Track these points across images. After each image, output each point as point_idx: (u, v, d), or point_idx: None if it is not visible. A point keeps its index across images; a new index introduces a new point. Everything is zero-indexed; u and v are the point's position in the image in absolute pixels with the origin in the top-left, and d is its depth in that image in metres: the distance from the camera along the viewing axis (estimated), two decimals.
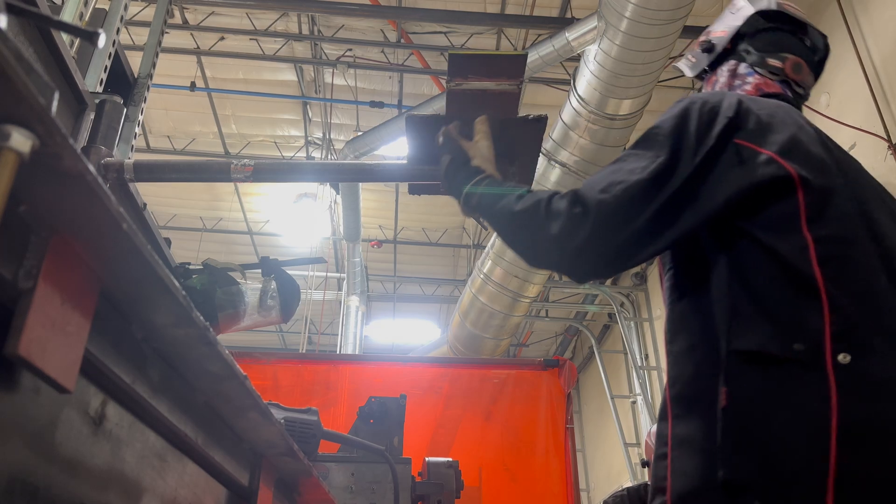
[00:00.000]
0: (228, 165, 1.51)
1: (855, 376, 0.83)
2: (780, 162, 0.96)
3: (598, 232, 0.96)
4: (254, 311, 1.40)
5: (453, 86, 1.40)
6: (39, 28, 1.25)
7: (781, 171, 0.95)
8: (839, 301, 0.87)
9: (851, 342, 0.85)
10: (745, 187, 0.95)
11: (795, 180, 0.95)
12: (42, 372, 0.48)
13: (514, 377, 3.52)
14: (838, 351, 0.84)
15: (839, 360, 0.83)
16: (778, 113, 1.05)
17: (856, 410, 0.81)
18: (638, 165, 0.99)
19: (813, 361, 0.84)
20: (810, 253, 0.90)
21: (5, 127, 0.38)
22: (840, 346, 0.84)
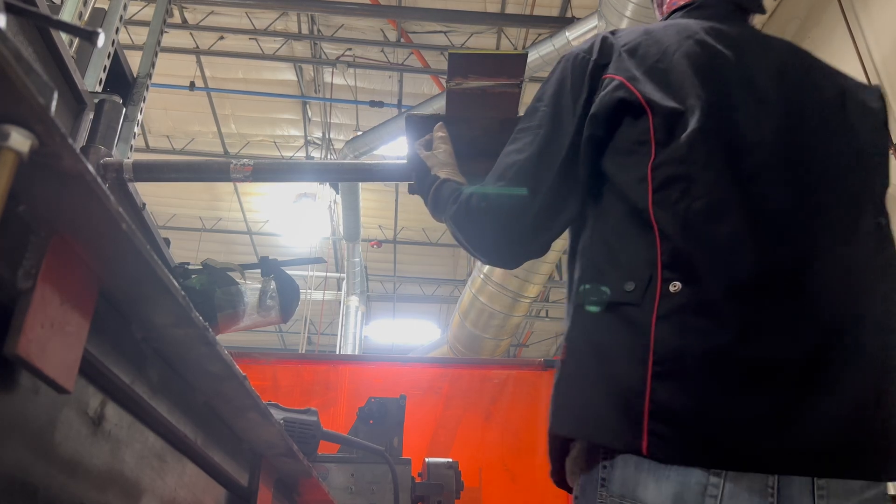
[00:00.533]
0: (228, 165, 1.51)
1: (678, 306, 0.80)
2: (629, 86, 0.92)
3: (502, 220, 0.98)
4: (253, 312, 1.40)
5: (453, 85, 1.40)
6: (38, 27, 1.25)
7: (629, 95, 0.91)
8: (669, 228, 0.83)
9: (682, 269, 0.81)
10: (599, 115, 0.93)
11: (643, 104, 0.90)
12: (41, 372, 0.48)
13: (514, 377, 3.52)
14: (669, 280, 0.81)
15: (670, 289, 0.80)
16: (649, 38, 0.98)
17: (670, 342, 0.78)
18: (525, 142, 0.99)
19: (642, 298, 0.82)
20: (647, 183, 0.87)
21: (4, 127, 0.37)
22: (672, 275, 0.81)
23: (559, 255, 6.54)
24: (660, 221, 0.84)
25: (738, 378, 0.77)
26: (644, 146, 0.89)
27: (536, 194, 0.96)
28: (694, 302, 0.79)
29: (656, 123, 0.89)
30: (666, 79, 0.92)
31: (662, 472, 0.77)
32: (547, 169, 0.95)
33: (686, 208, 0.84)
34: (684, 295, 0.80)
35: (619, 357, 0.82)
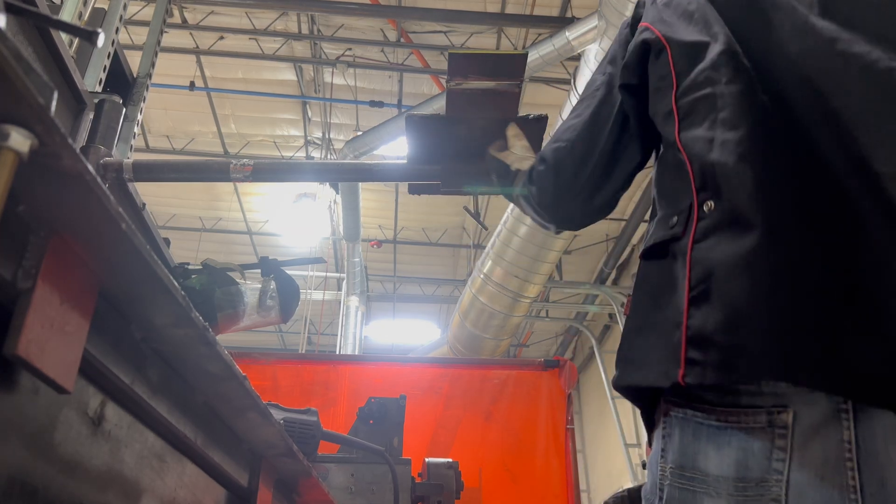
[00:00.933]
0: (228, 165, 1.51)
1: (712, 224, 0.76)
2: (652, 28, 0.94)
3: (561, 179, 1.02)
4: (253, 312, 1.40)
5: (453, 85, 1.40)
6: (38, 27, 1.25)
7: (651, 35, 0.93)
8: (695, 147, 0.81)
9: (712, 185, 0.78)
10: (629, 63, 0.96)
11: (662, 41, 0.91)
12: (41, 372, 0.48)
13: (514, 377, 3.52)
14: (703, 201, 0.78)
15: (704, 210, 0.77)
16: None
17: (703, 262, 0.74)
18: (583, 107, 1.03)
19: (684, 229, 0.79)
20: (674, 114, 0.86)
21: (4, 127, 0.37)
22: (705, 195, 0.78)
23: (559, 256, 6.54)
24: (687, 145, 0.83)
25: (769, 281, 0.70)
26: (666, 80, 0.90)
27: (591, 154, 0.99)
28: (725, 215, 0.75)
29: (675, 56, 0.89)
30: (692, 17, 0.92)
31: (723, 438, 0.71)
32: (600, 129, 0.99)
33: (712, 122, 0.81)
34: (717, 211, 0.76)
35: (666, 295, 0.79)
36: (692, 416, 0.75)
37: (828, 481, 0.65)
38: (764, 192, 0.74)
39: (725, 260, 0.73)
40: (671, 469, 0.76)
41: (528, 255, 6.31)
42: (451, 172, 1.47)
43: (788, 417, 0.68)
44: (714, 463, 0.72)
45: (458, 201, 8.39)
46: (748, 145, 0.77)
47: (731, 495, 0.69)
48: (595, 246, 8.94)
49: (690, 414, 0.75)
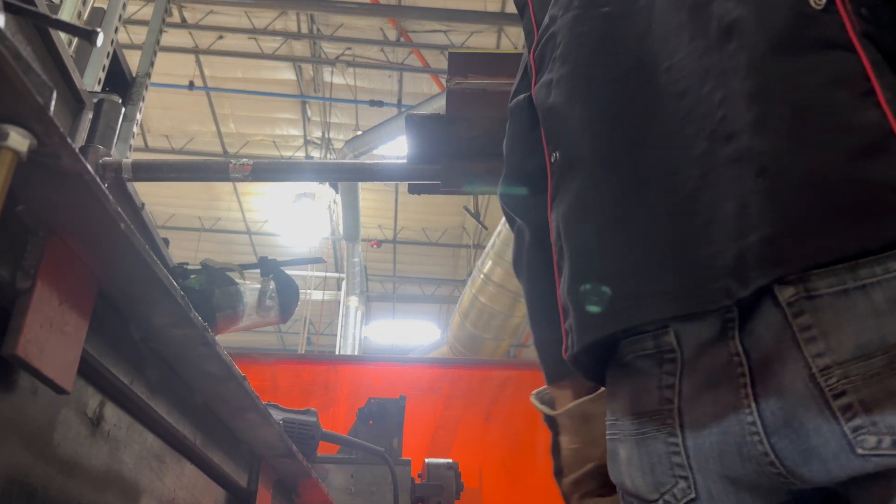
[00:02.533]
0: (227, 165, 1.50)
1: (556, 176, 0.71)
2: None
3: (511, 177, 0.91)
4: (252, 312, 1.39)
5: (453, 85, 1.40)
6: (38, 27, 1.25)
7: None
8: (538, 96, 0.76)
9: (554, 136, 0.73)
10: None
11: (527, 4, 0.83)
12: (40, 372, 0.47)
13: (514, 378, 3.52)
14: (551, 153, 0.72)
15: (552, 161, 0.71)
16: None
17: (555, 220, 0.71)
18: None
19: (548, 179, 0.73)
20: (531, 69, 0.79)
21: (3, 126, 0.37)
22: (551, 147, 0.72)
23: None
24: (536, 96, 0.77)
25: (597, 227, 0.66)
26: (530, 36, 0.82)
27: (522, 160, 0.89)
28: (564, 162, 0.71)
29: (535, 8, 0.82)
30: None
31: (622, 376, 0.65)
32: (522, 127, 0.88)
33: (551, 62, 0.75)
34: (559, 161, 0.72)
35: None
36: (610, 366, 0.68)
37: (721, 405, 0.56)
38: (591, 130, 0.68)
39: (562, 213, 0.69)
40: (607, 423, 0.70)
41: None
42: (451, 172, 1.47)
43: (671, 338, 0.60)
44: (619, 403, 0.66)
45: (458, 201, 8.39)
46: (575, 80, 0.71)
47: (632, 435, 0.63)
48: None
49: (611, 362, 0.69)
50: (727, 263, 0.54)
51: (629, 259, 0.62)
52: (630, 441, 0.63)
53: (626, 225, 0.63)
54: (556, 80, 0.73)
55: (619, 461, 0.65)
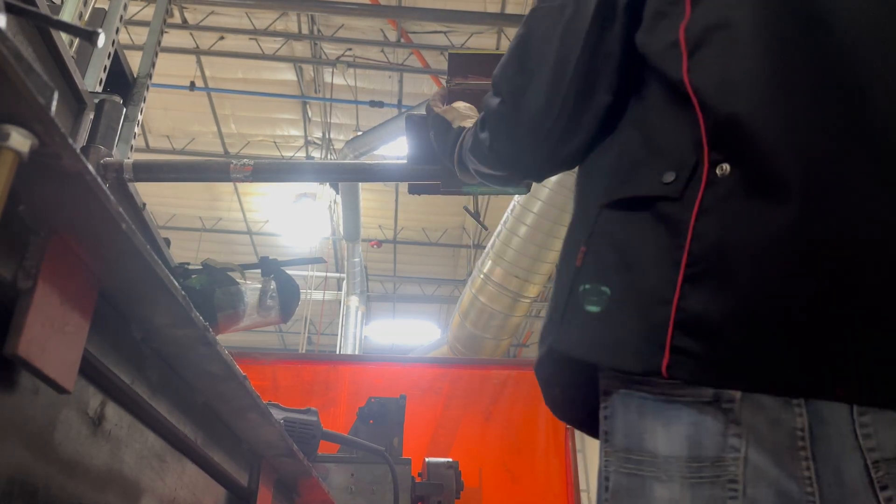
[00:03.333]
0: (228, 165, 1.50)
1: (726, 192, 0.61)
2: None
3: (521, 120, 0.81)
4: (253, 312, 1.39)
5: (453, 85, 1.40)
6: (38, 27, 1.25)
7: None
8: (709, 94, 0.64)
9: (730, 145, 0.62)
10: None
11: None
12: (41, 372, 0.48)
13: (514, 377, 3.52)
14: (717, 162, 0.62)
15: (717, 173, 0.62)
16: None
17: (709, 237, 0.61)
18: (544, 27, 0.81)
19: (683, 191, 0.64)
20: (681, 46, 0.68)
21: (4, 127, 0.37)
22: (718, 155, 0.63)
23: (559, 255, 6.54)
24: (698, 90, 0.65)
25: (801, 267, 0.57)
26: (677, 6, 0.71)
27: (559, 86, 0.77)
28: (746, 182, 0.61)
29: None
30: None
31: (671, 413, 0.62)
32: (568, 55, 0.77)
33: (730, 58, 0.64)
34: (734, 178, 0.61)
35: (648, 262, 0.65)
36: (637, 391, 0.65)
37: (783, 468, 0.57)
38: (801, 153, 0.59)
39: (746, 236, 0.59)
40: (616, 455, 0.66)
41: (528, 255, 6.31)
42: (451, 173, 1.47)
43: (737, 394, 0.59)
44: (663, 442, 0.62)
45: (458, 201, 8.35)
46: (780, 95, 0.61)
47: (684, 477, 0.61)
48: None
49: (634, 388, 0.65)
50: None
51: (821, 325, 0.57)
52: (679, 483, 0.61)
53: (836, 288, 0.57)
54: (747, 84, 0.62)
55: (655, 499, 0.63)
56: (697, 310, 0.60)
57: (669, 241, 0.64)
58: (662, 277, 0.63)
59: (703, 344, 0.60)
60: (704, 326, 0.60)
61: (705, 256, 0.61)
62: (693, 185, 0.64)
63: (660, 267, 0.64)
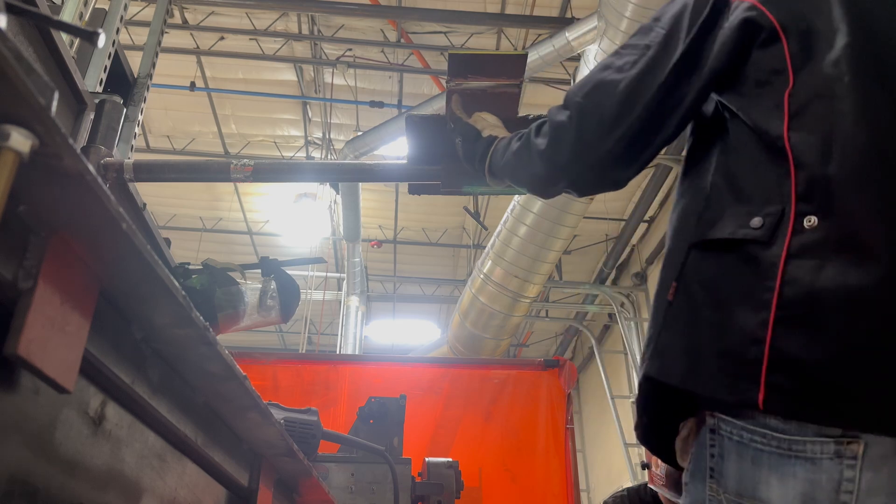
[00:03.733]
0: (228, 165, 1.51)
1: (814, 242, 0.69)
2: (759, 6, 0.83)
3: (584, 139, 0.89)
4: (253, 312, 1.40)
5: (453, 86, 1.40)
6: (39, 28, 1.25)
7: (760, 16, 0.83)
8: (806, 154, 0.73)
9: (820, 200, 0.70)
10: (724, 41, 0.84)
11: (776, 27, 0.81)
12: (41, 372, 0.48)
13: (514, 377, 3.52)
14: (804, 214, 0.70)
15: (804, 224, 0.70)
16: None
17: (802, 283, 0.68)
18: (629, 60, 0.90)
19: (772, 236, 0.72)
20: (784, 109, 0.77)
21: (5, 127, 0.38)
22: (807, 207, 0.71)
23: (559, 256, 6.54)
24: (795, 147, 0.74)
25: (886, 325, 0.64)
26: (780, 75, 0.80)
27: (626, 117, 0.87)
28: (834, 237, 0.68)
29: (792, 48, 0.80)
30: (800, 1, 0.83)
31: (787, 468, 0.67)
32: (643, 95, 0.87)
33: (830, 129, 0.72)
34: (822, 230, 0.69)
35: (739, 301, 0.72)
36: (750, 441, 0.70)
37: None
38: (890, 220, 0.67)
39: (836, 289, 0.66)
40: (726, 496, 0.72)
41: (528, 255, 6.31)
42: (451, 172, 1.47)
43: (859, 448, 0.64)
44: (777, 493, 0.67)
45: (458, 201, 8.38)
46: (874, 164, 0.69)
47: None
48: (595, 246, 8.94)
49: (748, 438, 0.70)
50: None
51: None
52: None
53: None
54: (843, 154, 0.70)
55: None
56: (790, 350, 0.66)
57: (758, 281, 0.71)
58: (753, 317, 0.69)
59: (798, 382, 0.66)
60: (797, 367, 0.66)
61: (796, 301, 0.68)
62: (780, 232, 0.71)
63: (749, 305, 0.70)
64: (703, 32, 0.86)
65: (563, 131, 0.92)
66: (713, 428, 0.75)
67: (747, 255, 0.73)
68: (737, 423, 0.72)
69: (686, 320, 0.78)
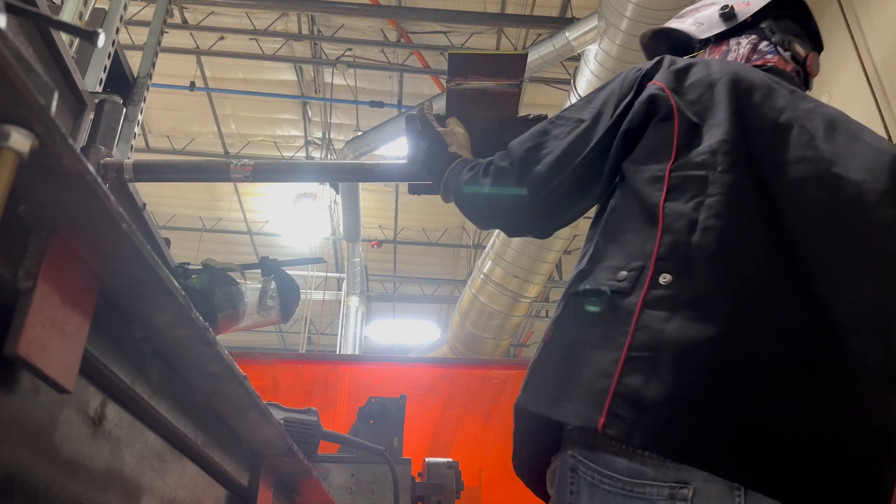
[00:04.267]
0: (228, 165, 1.51)
1: (666, 296, 0.80)
2: (664, 89, 0.97)
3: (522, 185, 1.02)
4: (253, 312, 1.40)
5: (453, 85, 1.40)
6: (39, 28, 1.25)
7: (662, 94, 0.96)
8: (674, 222, 0.85)
9: (677, 262, 0.82)
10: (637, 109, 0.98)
11: (674, 107, 0.95)
12: (41, 372, 0.48)
13: (514, 377, 3.52)
14: (660, 271, 0.82)
15: (659, 280, 0.81)
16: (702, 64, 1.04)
17: (650, 331, 0.78)
18: (562, 130, 1.04)
19: (632, 288, 0.83)
20: (664, 182, 0.89)
21: (4, 127, 0.37)
22: (664, 265, 0.82)
23: (558, 256, 6.54)
24: (667, 215, 0.86)
25: (716, 377, 0.75)
26: (665, 149, 0.92)
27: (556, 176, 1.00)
28: (684, 294, 0.79)
29: (681, 129, 0.93)
30: (703, 95, 0.97)
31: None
32: (569, 164, 1.00)
33: (698, 203, 0.85)
34: (674, 287, 0.80)
35: (599, 341, 0.83)
36: (600, 482, 0.80)
37: None
38: (735, 290, 0.79)
39: (679, 339, 0.77)
40: None
41: (528, 255, 6.31)
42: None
43: (689, 493, 0.74)
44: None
45: None
46: (730, 239, 0.81)
47: None
48: None
49: (598, 479, 0.80)
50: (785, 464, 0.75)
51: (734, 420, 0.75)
52: None
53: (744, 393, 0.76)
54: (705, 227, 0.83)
55: None
56: (632, 386, 0.77)
57: (616, 326, 0.82)
58: (608, 355, 0.80)
59: (635, 413, 0.75)
60: (637, 400, 0.76)
61: (646, 345, 0.78)
62: (639, 285, 0.83)
63: (606, 346, 0.81)
64: (625, 111, 1.01)
65: (506, 176, 1.05)
66: (573, 467, 0.84)
67: (611, 303, 0.85)
68: (590, 465, 0.81)
69: (554, 357, 0.89)
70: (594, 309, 0.86)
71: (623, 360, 0.78)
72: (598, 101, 1.05)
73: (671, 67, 1.02)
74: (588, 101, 1.07)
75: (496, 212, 1.10)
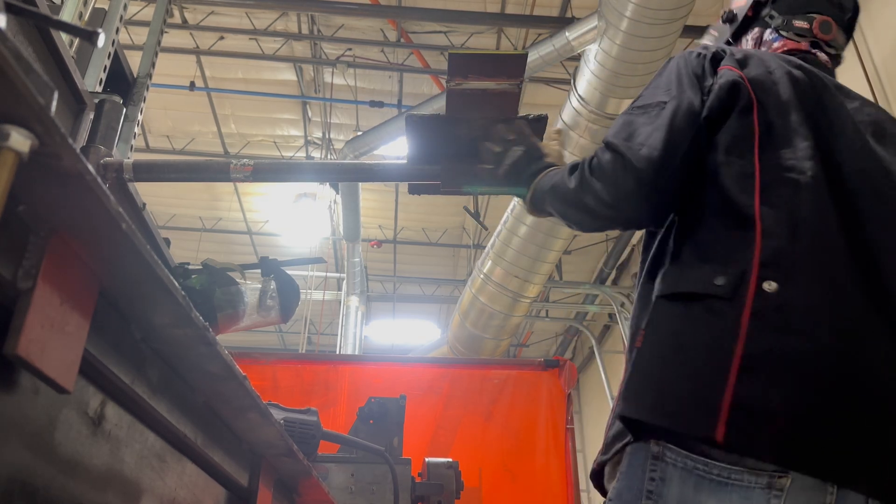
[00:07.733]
0: (228, 165, 1.50)
1: (774, 305, 0.80)
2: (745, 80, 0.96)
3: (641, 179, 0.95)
4: (253, 312, 1.39)
5: (453, 85, 1.40)
6: (38, 27, 1.25)
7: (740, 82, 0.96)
8: (774, 229, 0.84)
9: (780, 269, 0.81)
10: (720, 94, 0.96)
11: (753, 100, 0.94)
12: (41, 372, 0.48)
13: (514, 377, 3.52)
14: (764, 278, 0.81)
15: (764, 287, 0.80)
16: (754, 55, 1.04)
17: (764, 340, 0.78)
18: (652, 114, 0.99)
19: (733, 294, 0.82)
20: (755, 180, 0.88)
21: (4, 127, 0.37)
22: (767, 272, 0.81)
23: (558, 256, 6.54)
24: (764, 220, 0.85)
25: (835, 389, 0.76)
26: (745, 142, 0.91)
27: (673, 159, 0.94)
28: (793, 304, 0.79)
29: (761, 124, 0.92)
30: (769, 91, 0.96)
31: (724, 493, 0.76)
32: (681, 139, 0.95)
33: (795, 212, 0.85)
34: (781, 296, 0.80)
35: (703, 348, 0.81)
36: (693, 468, 0.79)
37: None
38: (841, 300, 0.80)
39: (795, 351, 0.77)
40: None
41: (528, 255, 6.31)
42: (451, 172, 1.47)
43: (787, 482, 0.74)
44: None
45: (458, 201, 8.38)
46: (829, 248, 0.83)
47: None
48: (595, 246, 8.94)
49: (691, 465, 0.79)
50: None
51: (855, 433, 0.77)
52: None
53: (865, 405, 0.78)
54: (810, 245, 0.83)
55: None
56: (750, 396, 0.76)
57: (722, 333, 0.80)
58: (717, 364, 0.79)
59: (753, 423, 0.75)
60: (756, 410, 0.76)
61: (758, 355, 0.78)
62: (741, 292, 0.81)
63: (714, 353, 0.80)
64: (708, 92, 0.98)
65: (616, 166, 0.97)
66: (657, 455, 0.83)
67: (709, 307, 0.83)
68: (682, 452, 0.80)
69: (653, 363, 0.87)
70: (694, 313, 0.84)
71: (737, 370, 0.77)
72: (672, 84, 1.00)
73: (734, 57, 1.01)
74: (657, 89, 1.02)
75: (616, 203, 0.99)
